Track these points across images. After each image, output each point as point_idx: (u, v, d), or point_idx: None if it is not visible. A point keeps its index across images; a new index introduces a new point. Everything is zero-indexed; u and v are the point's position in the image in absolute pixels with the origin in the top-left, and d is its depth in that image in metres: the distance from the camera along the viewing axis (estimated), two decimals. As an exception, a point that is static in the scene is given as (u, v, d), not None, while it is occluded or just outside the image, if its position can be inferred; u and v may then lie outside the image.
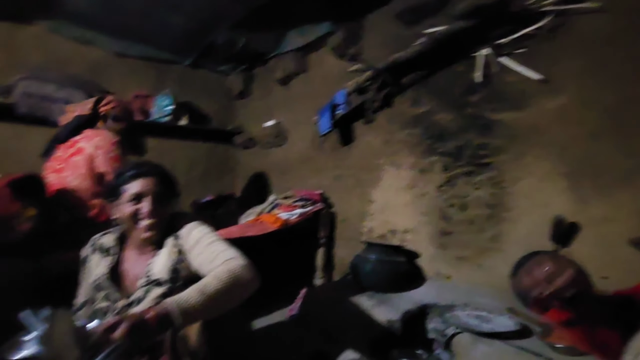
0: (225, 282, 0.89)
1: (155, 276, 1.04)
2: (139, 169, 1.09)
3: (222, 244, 1.05)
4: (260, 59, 2.98)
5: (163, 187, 1.10)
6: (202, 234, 1.08)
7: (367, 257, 1.84)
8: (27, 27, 2.28)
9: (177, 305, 0.79)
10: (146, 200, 1.06)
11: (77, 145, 1.64)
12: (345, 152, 2.41)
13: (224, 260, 0.97)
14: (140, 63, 2.78)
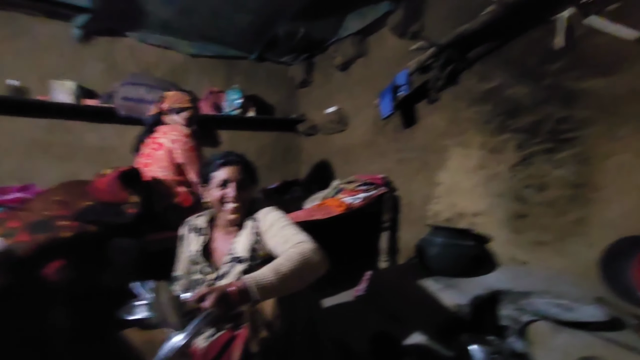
0: (296, 263, 0.95)
1: (237, 254, 1.16)
2: (226, 158, 1.20)
3: (293, 228, 1.13)
4: (319, 46, 3.03)
5: (246, 175, 1.21)
6: (277, 218, 1.17)
7: (433, 240, 1.81)
8: (122, 39, 2.64)
9: (254, 282, 0.89)
10: (231, 185, 1.18)
11: (157, 141, 1.86)
12: (408, 135, 2.36)
13: (295, 243, 1.04)
14: (212, 62, 3.02)
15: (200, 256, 1.21)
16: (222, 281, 1.14)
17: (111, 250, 1.47)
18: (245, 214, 1.23)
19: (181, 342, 0.74)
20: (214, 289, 0.86)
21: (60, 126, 2.42)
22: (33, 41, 2.34)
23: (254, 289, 0.88)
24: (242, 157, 1.25)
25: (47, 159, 2.37)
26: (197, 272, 1.20)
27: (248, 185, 1.23)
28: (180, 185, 1.83)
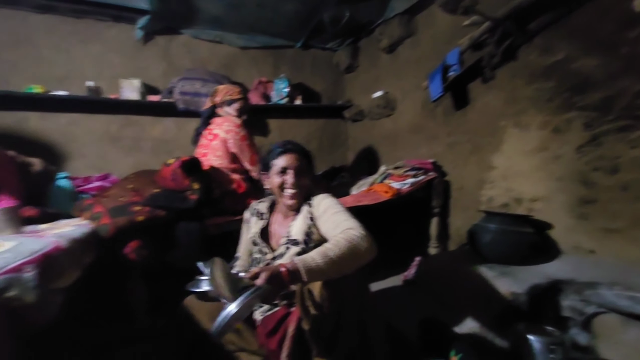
0: (344, 249, 0.98)
1: (293, 237, 1.23)
2: (285, 146, 1.27)
3: (345, 214, 1.16)
4: (365, 29, 2.97)
5: (304, 162, 1.28)
6: (330, 204, 1.21)
7: (487, 227, 1.74)
8: (178, 37, 2.81)
9: (303, 264, 0.94)
10: (290, 173, 1.24)
11: (213, 132, 1.99)
12: (459, 117, 2.25)
13: (345, 229, 1.07)
14: (260, 52, 3.11)
15: (259, 238, 1.31)
16: (278, 261, 1.22)
17: (177, 232, 1.62)
18: (303, 200, 1.28)
19: (233, 311, 0.81)
20: (266, 268, 0.92)
21: (129, 121, 2.67)
22: (103, 44, 2.58)
23: (302, 270, 0.92)
24: (300, 146, 1.31)
25: (118, 151, 2.64)
26: (257, 252, 1.31)
27: (306, 172, 1.28)
28: (234, 173, 1.95)
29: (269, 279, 0.89)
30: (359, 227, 1.08)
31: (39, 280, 0.66)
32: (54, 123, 2.44)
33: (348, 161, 3.48)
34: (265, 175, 1.33)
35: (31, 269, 0.67)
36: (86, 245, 1.07)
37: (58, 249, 0.80)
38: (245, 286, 0.89)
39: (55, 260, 0.76)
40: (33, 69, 2.38)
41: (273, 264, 1.21)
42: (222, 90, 2.07)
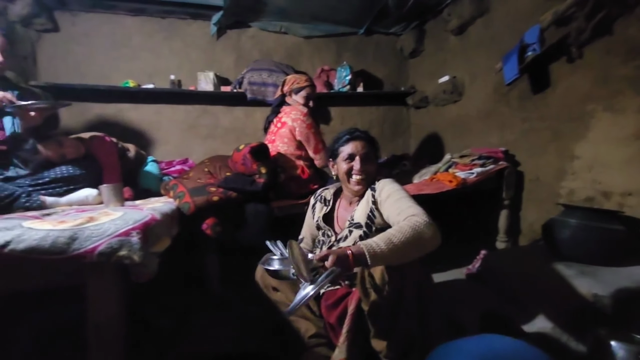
0: (407, 235, 0.99)
1: (355, 220, 1.26)
2: (352, 134, 1.31)
3: (409, 200, 1.16)
4: (432, 11, 2.82)
5: (369, 149, 1.31)
6: (393, 190, 1.22)
7: (567, 221, 1.59)
8: (247, 30, 2.97)
9: (367, 248, 0.95)
10: (357, 159, 1.28)
11: (281, 120, 2.09)
12: (537, 101, 2.06)
13: (409, 215, 1.07)
14: (323, 41, 3.15)
15: (323, 222, 1.37)
16: (341, 244, 1.27)
17: (247, 213, 1.77)
18: (368, 186, 1.31)
19: (311, 292, 0.88)
20: (333, 252, 0.96)
21: (204, 111, 2.92)
22: (183, 40, 2.84)
23: (367, 255, 0.94)
24: (366, 133, 1.33)
25: (195, 138, 2.90)
26: (321, 235, 1.37)
27: (372, 159, 1.31)
28: (299, 159, 2.04)
29: (335, 262, 0.93)
30: (423, 214, 1.07)
31: (142, 244, 0.79)
32: (144, 113, 2.77)
33: (410, 149, 3.39)
34: (332, 162, 1.37)
35: (136, 234, 0.81)
36: (173, 219, 1.23)
37: (154, 220, 0.94)
38: (315, 267, 0.95)
39: (152, 228, 0.89)
40: (128, 66, 2.72)
41: (337, 246, 1.27)
42: (290, 80, 2.16)
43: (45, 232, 0.75)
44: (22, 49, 2.41)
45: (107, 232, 0.79)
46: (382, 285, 1.06)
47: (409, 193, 1.22)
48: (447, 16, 2.66)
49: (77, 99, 2.52)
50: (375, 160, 1.33)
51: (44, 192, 1.56)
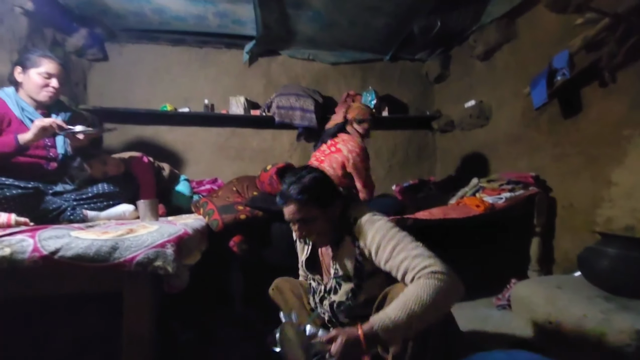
0: (428, 300, 0.85)
1: (341, 272, 1.12)
2: (281, 199, 1.11)
3: (408, 243, 0.98)
4: (457, 37, 2.87)
5: (306, 209, 1.07)
6: (382, 235, 1.01)
7: (605, 251, 1.51)
8: (276, 57, 3.13)
9: (381, 326, 0.85)
10: (294, 226, 1.12)
11: (337, 145, 2.14)
12: (569, 126, 2.01)
13: (419, 270, 0.91)
14: (349, 67, 3.25)
15: (306, 267, 1.27)
16: (333, 297, 1.15)
17: (272, 232, 1.80)
18: (333, 235, 1.13)
19: None
20: (342, 333, 0.86)
21: (234, 133, 3.05)
22: (217, 68, 3.03)
23: (383, 333, 0.85)
24: (297, 189, 1.07)
25: (225, 159, 3.03)
26: (311, 280, 1.27)
27: (314, 217, 1.08)
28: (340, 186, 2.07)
29: (344, 348, 0.84)
30: (436, 263, 0.91)
31: (176, 255, 0.84)
32: (178, 135, 2.94)
33: (436, 173, 3.36)
34: None
35: (170, 246, 0.86)
36: (202, 235, 1.28)
37: (186, 234, 0.99)
38: (318, 352, 0.86)
39: (185, 242, 0.94)
40: (166, 91, 2.92)
41: (328, 298, 1.15)
42: (356, 109, 2.23)
43: (90, 241, 0.82)
44: (75, 76, 2.66)
45: (145, 243, 0.84)
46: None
47: (399, 229, 1.03)
48: (473, 42, 2.69)
49: (120, 122, 2.72)
50: (322, 212, 1.09)
51: (86, 207, 1.68)
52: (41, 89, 1.68)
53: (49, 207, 1.53)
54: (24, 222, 1.26)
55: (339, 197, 1.14)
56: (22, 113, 1.66)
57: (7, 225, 1.21)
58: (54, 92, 1.72)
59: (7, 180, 1.42)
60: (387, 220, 1.07)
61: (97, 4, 2.34)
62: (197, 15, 2.51)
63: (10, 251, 0.78)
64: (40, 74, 1.67)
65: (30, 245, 0.80)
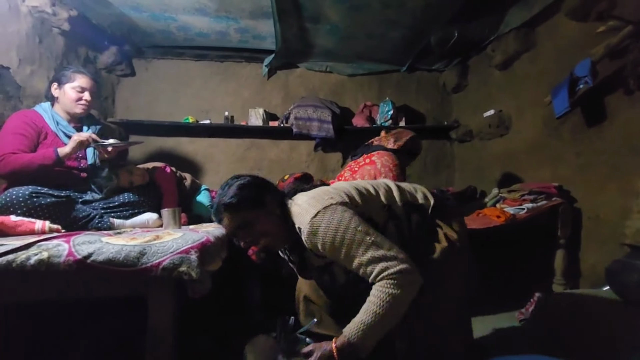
0: (388, 304, 0.89)
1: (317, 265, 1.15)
2: (215, 216, 1.08)
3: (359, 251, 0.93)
4: (475, 47, 2.87)
5: (240, 214, 1.03)
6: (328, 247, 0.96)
7: (635, 264, 1.46)
8: (294, 70, 3.21)
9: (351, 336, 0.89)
10: (241, 238, 1.08)
11: (372, 158, 2.14)
12: (593, 135, 1.96)
13: (375, 277, 0.92)
14: (366, 78, 3.29)
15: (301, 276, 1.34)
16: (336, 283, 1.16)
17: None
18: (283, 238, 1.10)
19: None
20: (317, 348, 0.92)
21: (253, 144, 3.12)
22: (237, 81, 3.13)
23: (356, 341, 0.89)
24: (226, 199, 1.03)
25: (244, 169, 3.09)
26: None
27: (253, 219, 1.04)
28: None
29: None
30: (387, 265, 0.91)
31: (199, 261, 0.87)
32: (199, 146, 3.03)
33: (454, 183, 3.31)
34: None
35: (194, 253, 0.89)
36: (223, 243, 1.31)
37: (209, 241, 1.02)
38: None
39: (208, 248, 0.98)
40: (189, 104, 3.03)
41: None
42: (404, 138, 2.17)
43: (120, 246, 0.86)
44: (105, 91, 2.80)
45: (171, 249, 0.88)
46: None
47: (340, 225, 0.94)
48: (491, 52, 2.68)
49: (144, 133, 2.83)
50: (259, 213, 1.04)
51: (113, 215, 1.75)
52: (75, 102, 1.79)
53: (79, 215, 1.61)
54: (56, 229, 1.33)
55: (271, 192, 1.10)
56: (57, 127, 1.77)
57: (42, 232, 1.28)
58: (87, 105, 1.82)
59: (42, 189, 1.51)
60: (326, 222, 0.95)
61: (126, 23, 2.48)
62: (220, 32, 2.61)
63: (48, 255, 0.83)
64: (74, 88, 1.78)
65: (66, 249, 0.85)
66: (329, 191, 1.04)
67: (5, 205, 1.42)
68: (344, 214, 0.96)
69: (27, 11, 1.99)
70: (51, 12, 2.08)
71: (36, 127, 1.69)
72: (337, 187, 1.08)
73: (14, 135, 1.62)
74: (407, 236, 1.08)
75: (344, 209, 0.97)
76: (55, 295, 0.90)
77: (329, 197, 1.00)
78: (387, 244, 0.95)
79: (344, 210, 0.97)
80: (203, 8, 2.28)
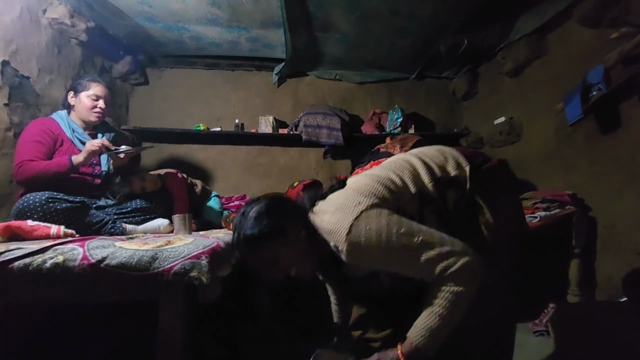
0: (453, 303, 0.84)
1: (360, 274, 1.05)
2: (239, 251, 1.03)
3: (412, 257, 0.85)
4: (485, 55, 2.86)
5: (262, 250, 0.95)
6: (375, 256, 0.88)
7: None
8: (304, 78, 3.24)
9: (418, 340, 0.85)
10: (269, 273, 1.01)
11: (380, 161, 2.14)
12: (607, 142, 1.93)
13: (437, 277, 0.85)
14: (375, 86, 3.30)
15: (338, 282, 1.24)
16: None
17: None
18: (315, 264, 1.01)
19: None
20: (382, 357, 0.88)
21: (263, 151, 3.15)
22: (248, 89, 3.17)
23: (422, 346, 0.84)
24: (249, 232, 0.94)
25: (253, 176, 3.12)
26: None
27: (278, 254, 0.95)
28: None
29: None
30: (448, 261, 0.84)
31: (210, 267, 0.87)
32: (210, 153, 3.07)
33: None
34: None
35: (205, 258, 0.90)
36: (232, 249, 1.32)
37: (219, 247, 1.03)
38: None
39: (218, 254, 0.98)
40: (200, 112, 3.08)
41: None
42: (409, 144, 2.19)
43: (132, 251, 0.88)
44: (119, 99, 2.87)
45: (182, 254, 0.89)
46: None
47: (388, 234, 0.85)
48: (502, 59, 2.67)
49: (156, 141, 2.89)
50: (284, 247, 0.94)
51: (125, 220, 1.78)
52: (90, 110, 1.84)
53: (92, 220, 1.64)
54: (70, 234, 1.36)
55: (291, 213, 0.98)
56: (73, 134, 1.81)
57: (57, 236, 1.31)
58: (101, 113, 1.87)
59: (58, 195, 1.55)
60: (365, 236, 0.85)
61: (141, 33, 2.55)
62: (231, 41, 2.67)
63: (63, 259, 0.84)
64: (89, 97, 1.84)
65: (80, 253, 0.86)
66: (352, 195, 0.92)
67: (23, 210, 1.46)
68: (379, 220, 0.85)
69: (47, 23, 2.06)
70: (70, 23, 2.15)
71: (53, 135, 1.74)
72: (358, 185, 0.95)
73: (31, 143, 1.67)
74: (446, 218, 0.95)
75: (378, 212, 0.87)
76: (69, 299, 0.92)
77: (356, 203, 0.88)
78: (437, 238, 0.86)
79: (378, 215, 0.86)
80: (215, 18, 2.33)
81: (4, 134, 1.75)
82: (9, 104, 1.78)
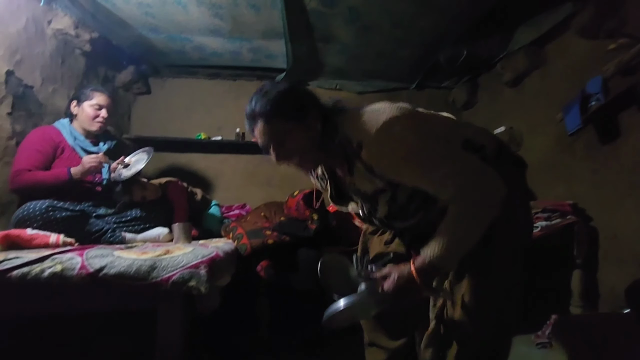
0: (469, 218, 0.82)
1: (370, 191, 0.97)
2: (248, 120, 0.98)
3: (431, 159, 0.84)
4: (485, 65, 2.88)
5: (275, 124, 0.92)
6: (396, 156, 0.85)
7: (656, 286, 1.40)
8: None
9: (432, 255, 0.81)
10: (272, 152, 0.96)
11: None
12: (608, 152, 1.93)
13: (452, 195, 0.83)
14: (375, 95, 3.32)
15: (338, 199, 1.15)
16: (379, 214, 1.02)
17: (299, 257, 1.81)
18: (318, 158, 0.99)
19: (337, 310, 0.77)
20: (395, 270, 0.84)
21: (263, 160, 3.15)
22: (248, 99, 3.18)
23: (436, 261, 0.81)
24: (264, 105, 0.92)
25: (254, 185, 3.12)
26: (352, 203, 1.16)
27: (288, 131, 0.92)
28: None
29: (397, 283, 0.82)
30: (465, 175, 0.82)
31: (208, 276, 0.87)
32: (210, 161, 3.08)
33: (465, 201, 3.27)
34: None
35: (203, 267, 0.89)
36: (232, 258, 1.32)
37: (218, 256, 1.03)
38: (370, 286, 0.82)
39: (217, 263, 0.98)
40: (201, 121, 3.10)
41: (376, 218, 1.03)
42: None
43: (131, 260, 0.87)
44: (121, 108, 2.90)
45: (181, 263, 0.88)
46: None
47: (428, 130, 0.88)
48: (501, 69, 2.69)
49: (158, 149, 2.88)
50: (295, 126, 0.92)
51: (125, 229, 1.78)
52: (93, 119, 1.86)
53: (92, 229, 1.64)
54: (70, 243, 1.36)
55: (314, 103, 0.98)
56: (75, 142, 1.83)
57: (56, 245, 1.31)
58: (104, 122, 1.89)
59: (58, 204, 1.55)
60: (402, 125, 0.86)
61: (144, 43, 2.58)
62: (233, 51, 2.70)
63: (62, 268, 0.84)
64: (92, 106, 1.85)
65: (79, 262, 0.86)
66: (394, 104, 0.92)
67: (23, 219, 1.47)
68: (418, 122, 0.91)
69: (52, 34, 2.10)
70: (74, 34, 2.19)
71: (53, 143, 1.75)
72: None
73: (30, 151, 1.68)
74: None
75: (418, 117, 0.94)
76: (67, 308, 0.91)
77: (399, 107, 0.90)
78: (467, 156, 0.86)
79: (418, 119, 0.93)
80: (218, 29, 2.36)
81: (7, 142, 1.76)
82: (12, 113, 1.79)
